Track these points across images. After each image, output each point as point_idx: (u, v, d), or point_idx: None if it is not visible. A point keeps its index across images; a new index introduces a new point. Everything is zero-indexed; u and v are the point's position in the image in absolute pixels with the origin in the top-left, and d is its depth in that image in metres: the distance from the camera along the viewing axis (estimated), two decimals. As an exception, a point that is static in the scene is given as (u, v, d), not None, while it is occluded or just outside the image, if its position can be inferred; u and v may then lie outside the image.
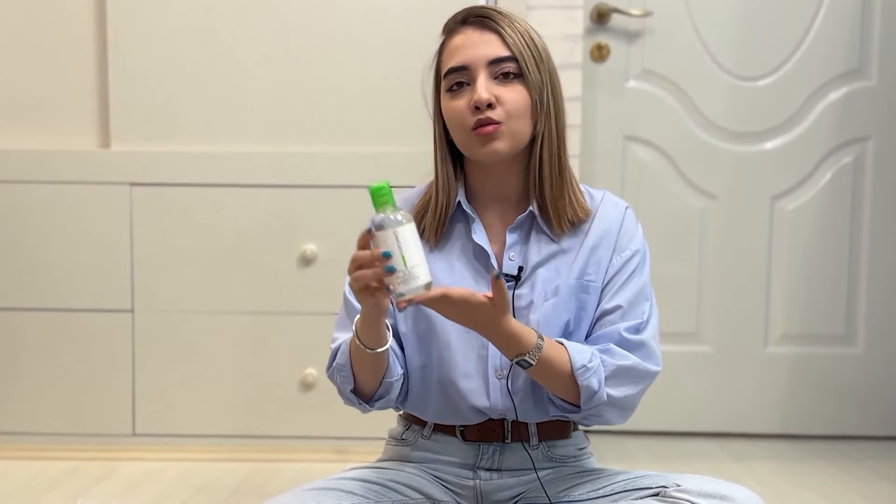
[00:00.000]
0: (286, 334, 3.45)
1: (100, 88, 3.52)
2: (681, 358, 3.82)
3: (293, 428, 3.47)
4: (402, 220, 1.58)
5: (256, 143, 3.48)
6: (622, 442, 3.72)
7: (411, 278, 1.56)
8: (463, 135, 1.82)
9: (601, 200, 1.95)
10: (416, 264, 1.57)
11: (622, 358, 1.80)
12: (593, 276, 1.87)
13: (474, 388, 1.86)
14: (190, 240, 3.44)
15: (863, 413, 3.86)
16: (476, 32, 1.82)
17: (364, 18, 3.47)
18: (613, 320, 1.85)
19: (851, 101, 3.80)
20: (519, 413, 1.86)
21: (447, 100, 1.84)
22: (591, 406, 1.77)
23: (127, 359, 3.46)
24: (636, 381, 1.82)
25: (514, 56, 1.79)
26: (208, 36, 3.47)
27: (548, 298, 1.84)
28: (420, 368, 1.90)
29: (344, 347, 1.84)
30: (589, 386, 1.75)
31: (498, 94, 1.78)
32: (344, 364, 1.83)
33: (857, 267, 3.84)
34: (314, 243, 3.42)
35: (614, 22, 3.76)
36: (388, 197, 1.59)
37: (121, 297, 3.45)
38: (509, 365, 1.83)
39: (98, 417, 3.48)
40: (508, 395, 1.85)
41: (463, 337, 1.86)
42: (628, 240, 1.92)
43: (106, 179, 3.43)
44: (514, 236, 1.88)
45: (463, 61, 1.81)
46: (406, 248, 1.57)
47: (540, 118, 1.83)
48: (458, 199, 1.90)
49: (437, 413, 1.91)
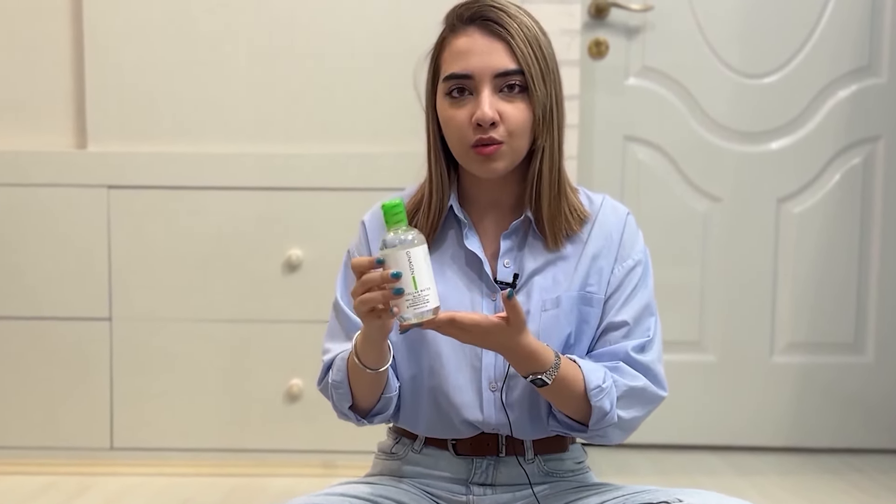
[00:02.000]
0: (271, 343, 3.44)
1: (75, 85, 3.52)
2: (683, 368, 3.82)
3: (278, 441, 3.47)
4: (414, 240, 1.57)
5: (240, 143, 3.48)
6: (622, 456, 3.72)
7: (420, 302, 1.56)
8: (461, 149, 1.80)
9: (601, 205, 1.93)
10: (427, 288, 1.57)
11: (633, 378, 1.80)
12: (595, 287, 1.86)
13: (467, 400, 1.85)
14: (170, 244, 3.44)
15: (872, 425, 3.87)
16: (483, 38, 1.78)
17: (353, 11, 3.47)
18: (619, 337, 1.85)
19: (861, 100, 3.80)
20: (514, 429, 1.85)
21: (446, 106, 1.81)
22: (599, 427, 1.77)
23: (104, 369, 3.46)
24: (644, 404, 1.83)
25: (522, 69, 1.76)
26: (189, 30, 3.47)
27: (546, 308, 1.83)
28: (410, 379, 1.89)
29: (340, 363, 1.83)
30: (601, 407, 1.74)
31: (501, 109, 1.76)
32: (341, 381, 1.82)
33: (867, 272, 3.84)
34: (300, 248, 3.42)
35: (613, 17, 3.76)
36: (401, 215, 1.58)
37: (98, 304, 3.45)
38: (503, 377, 1.82)
39: (74, 430, 3.48)
40: (503, 408, 1.83)
41: (455, 347, 1.84)
42: (630, 249, 1.90)
43: (82, 181, 3.42)
44: (509, 242, 1.87)
45: (467, 70, 1.78)
46: (418, 271, 1.56)
47: (542, 132, 1.80)
48: (451, 204, 1.88)
49: (429, 427, 1.90)
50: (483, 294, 1.84)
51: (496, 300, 1.83)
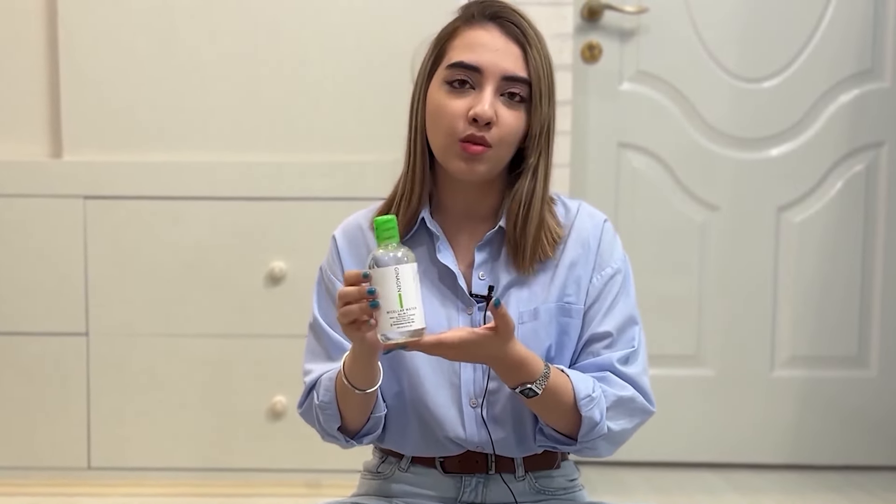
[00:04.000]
0: (253, 359, 3.45)
1: (50, 92, 3.52)
2: (680, 383, 3.83)
3: (261, 460, 3.47)
4: (404, 258, 1.58)
5: (221, 152, 3.48)
6: (617, 473, 3.72)
7: (405, 321, 1.57)
8: (446, 140, 1.79)
9: (577, 212, 1.92)
10: (413, 307, 1.58)
11: (621, 389, 1.81)
12: (573, 297, 1.87)
13: (449, 417, 1.85)
14: (149, 257, 3.44)
15: (877, 441, 3.87)
16: (502, 37, 1.79)
17: (338, 16, 3.48)
18: (602, 349, 1.85)
19: (864, 104, 3.81)
20: (497, 447, 1.85)
21: (442, 94, 1.80)
22: (588, 439, 1.78)
23: (81, 386, 3.46)
24: (633, 415, 1.83)
25: (530, 81, 1.78)
26: (168, 35, 3.48)
27: (524, 321, 1.84)
28: (395, 396, 1.89)
29: (327, 383, 1.83)
30: (591, 417, 1.75)
31: (499, 113, 1.76)
32: (329, 402, 1.82)
33: (871, 283, 3.85)
34: (283, 260, 3.43)
35: (607, 19, 3.77)
36: (393, 231, 1.60)
37: (74, 319, 3.45)
38: (483, 392, 1.83)
39: (50, 450, 3.48)
40: (484, 425, 1.84)
41: (432, 364, 1.85)
42: (608, 257, 1.90)
43: (57, 192, 3.42)
44: (484, 254, 1.87)
45: (478, 62, 1.77)
46: (405, 289, 1.57)
47: (533, 152, 1.81)
48: (423, 216, 1.88)
49: (416, 445, 1.90)
50: (458, 309, 1.85)
51: (472, 314, 1.84)
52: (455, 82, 1.79)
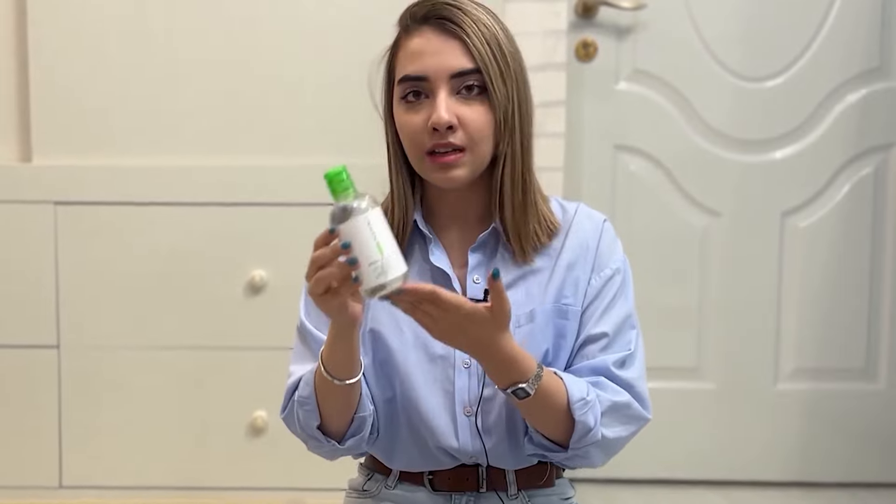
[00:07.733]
0: (232, 372, 3.46)
1: (18, 93, 3.53)
2: (680, 396, 3.85)
3: (241, 478, 3.48)
4: (369, 206, 1.58)
5: (198, 156, 3.50)
6: (614, 491, 3.73)
7: (389, 268, 1.56)
8: (416, 156, 1.84)
9: (575, 213, 1.96)
10: (393, 251, 1.57)
11: (616, 394, 1.84)
12: (571, 298, 1.89)
13: (442, 426, 1.87)
14: (123, 265, 3.45)
15: (886, 457, 3.87)
16: (438, 38, 1.82)
17: (318, 13, 3.49)
18: (598, 350, 1.88)
19: (872, 105, 3.82)
20: (491, 457, 1.88)
21: (401, 111, 1.85)
22: (581, 445, 1.80)
23: (52, 401, 3.47)
24: (628, 422, 1.86)
25: (479, 69, 1.80)
26: (142, 35, 3.49)
27: (521, 325, 1.86)
28: (386, 403, 1.92)
29: (308, 377, 1.84)
30: (585, 422, 1.76)
31: (460, 113, 1.79)
32: (308, 396, 1.83)
33: (879, 291, 3.86)
34: (263, 269, 3.44)
35: (602, 16, 3.76)
36: (347, 182, 1.59)
37: (45, 331, 3.46)
38: (477, 400, 1.86)
39: (20, 467, 3.49)
40: (478, 435, 1.86)
41: (425, 369, 1.88)
42: (607, 258, 1.93)
43: (27, 197, 3.43)
44: (478, 256, 1.90)
45: (422, 71, 1.81)
46: (380, 235, 1.56)
47: (503, 138, 1.83)
48: (415, 219, 1.91)
49: (406, 457, 1.92)
50: None
51: None
52: (409, 95, 1.83)
